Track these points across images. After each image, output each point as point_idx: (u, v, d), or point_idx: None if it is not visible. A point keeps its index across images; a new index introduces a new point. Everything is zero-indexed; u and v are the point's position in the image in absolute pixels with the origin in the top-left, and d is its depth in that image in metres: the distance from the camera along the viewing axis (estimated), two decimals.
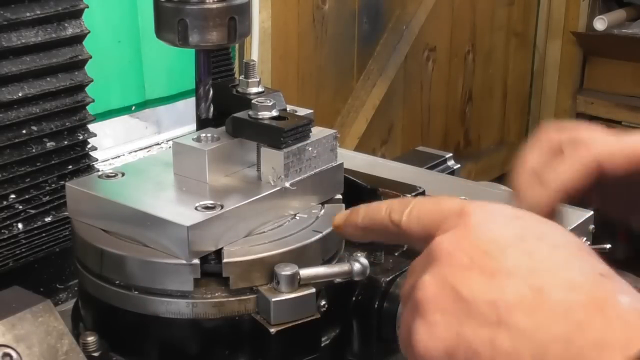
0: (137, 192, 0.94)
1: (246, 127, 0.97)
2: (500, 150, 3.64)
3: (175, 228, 0.86)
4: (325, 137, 0.98)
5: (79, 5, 1.14)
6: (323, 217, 0.96)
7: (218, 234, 0.88)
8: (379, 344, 0.96)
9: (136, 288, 0.87)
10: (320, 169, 0.98)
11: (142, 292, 0.87)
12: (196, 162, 0.96)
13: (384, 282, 0.95)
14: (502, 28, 3.50)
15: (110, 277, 0.89)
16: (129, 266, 0.87)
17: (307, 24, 2.57)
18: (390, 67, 2.86)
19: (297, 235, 0.92)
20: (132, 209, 0.90)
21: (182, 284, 0.86)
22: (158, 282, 0.86)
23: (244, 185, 0.96)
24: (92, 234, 0.92)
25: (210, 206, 0.89)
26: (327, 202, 1.00)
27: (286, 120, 0.95)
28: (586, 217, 1.42)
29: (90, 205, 0.94)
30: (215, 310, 0.86)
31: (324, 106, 2.71)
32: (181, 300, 0.86)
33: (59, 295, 1.13)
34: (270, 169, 0.94)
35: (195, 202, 0.90)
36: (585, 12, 3.52)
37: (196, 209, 0.89)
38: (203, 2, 0.93)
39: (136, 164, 1.06)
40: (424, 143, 3.10)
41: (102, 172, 0.99)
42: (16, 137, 1.09)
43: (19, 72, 1.08)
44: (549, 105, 3.68)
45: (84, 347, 0.86)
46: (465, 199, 0.69)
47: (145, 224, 0.88)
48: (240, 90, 1.04)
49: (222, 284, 0.87)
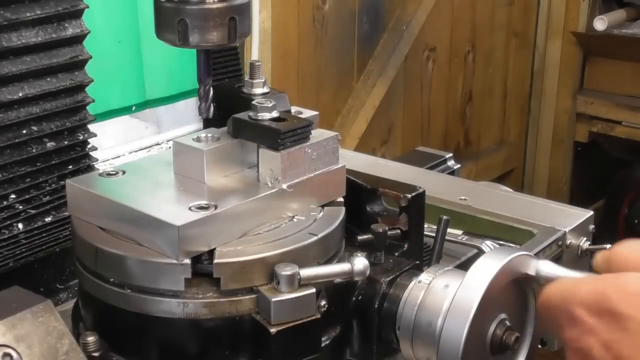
0: (135, 190, 0.95)
1: (246, 127, 0.97)
2: (500, 150, 3.64)
3: (166, 227, 0.86)
4: (325, 140, 0.97)
5: (79, 5, 1.14)
6: (321, 220, 0.96)
7: (211, 235, 0.88)
8: (379, 344, 0.96)
9: (130, 287, 0.88)
10: (320, 172, 0.97)
11: (136, 291, 0.87)
12: (195, 162, 0.96)
13: (384, 282, 0.95)
14: (502, 28, 3.50)
15: (104, 275, 0.89)
16: (123, 264, 0.88)
17: (307, 24, 2.57)
18: (390, 67, 2.86)
19: (293, 237, 0.91)
20: (128, 207, 0.90)
21: (174, 284, 0.86)
22: (151, 281, 0.87)
23: (241, 186, 0.96)
24: (88, 231, 0.93)
25: (204, 206, 0.89)
26: (327, 204, 1.00)
27: (285, 122, 0.95)
28: (586, 217, 1.42)
29: (89, 202, 0.94)
30: (206, 311, 0.86)
31: (324, 106, 2.71)
32: (172, 300, 0.86)
33: (59, 295, 1.13)
34: (268, 170, 0.94)
35: (190, 202, 0.90)
36: (585, 12, 3.51)
37: (190, 209, 0.89)
38: (203, 2, 0.93)
39: (138, 162, 1.07)
40: (424, 143, 3.10)
41: (103, 170, 0.99)
42: (16, 137, 1.09)
43: (19, 72, 1.08)
44: (549, 105, 3.68)
45: (84, 347, 0.87)
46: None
47: (139, 222, 0.88)
48: (246, 91, 1.04)
49: (214, 284, 0.87)
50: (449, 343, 0.87)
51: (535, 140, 3.75)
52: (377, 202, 1.07)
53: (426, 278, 0.95)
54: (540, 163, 3.76)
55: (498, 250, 1.02)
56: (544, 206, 1.48)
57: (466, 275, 0.89)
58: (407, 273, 0.97)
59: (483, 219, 1.41)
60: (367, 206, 1.07)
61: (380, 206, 1.07)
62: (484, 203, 1.45)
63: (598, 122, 3.60)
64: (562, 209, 1.46)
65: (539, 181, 3.78)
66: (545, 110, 3.70)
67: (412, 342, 0.93)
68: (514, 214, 1.41)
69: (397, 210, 1.05)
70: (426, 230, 1.09)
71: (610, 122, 3.55)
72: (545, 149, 3.73)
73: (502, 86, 3.61)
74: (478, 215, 1.41)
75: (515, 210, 1.42)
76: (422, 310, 0.92)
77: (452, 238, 1.24)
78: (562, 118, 3.66)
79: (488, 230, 1.37)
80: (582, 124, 3.65)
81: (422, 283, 0.94)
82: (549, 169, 3.75)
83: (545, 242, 1.33)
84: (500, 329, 0.91)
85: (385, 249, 0.99)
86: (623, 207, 3.56)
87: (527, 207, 1.46)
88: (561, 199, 3.11)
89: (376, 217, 1.06)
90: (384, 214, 1.06)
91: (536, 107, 3.72)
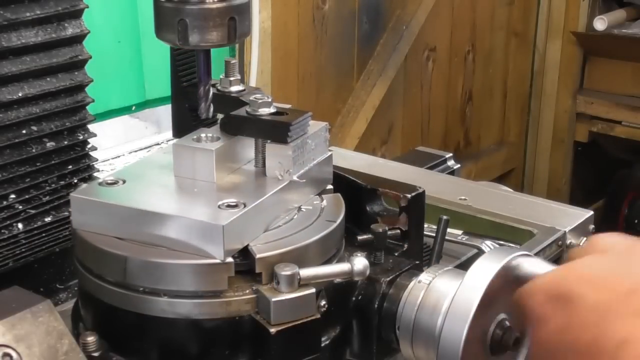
0: (152, 197, 0.94)
1: (248, 124, 0.98)
2: (500, 150, 3.64)
3: (211, 228, 0.86)
4: (320, 130, 1.00)
5: (79, 5, 1.14)
6: (328, 207, 0.98)
7: (245, 231, 0.89)
8: (379, 344, 0.96)
9: (165, 292, 0.86)
10: (317, 161, 1.00)
11: (172, 296, 0.86)
12: (202, 163, 0.96)
13: (384, 282, 0.95)
14: (502, 28, 3.50)
15: (135, 285, 0.87)
16: (160, 271, 0.86)
17: (307, 24, 2.57)
18: (390, 67, 2.86)
19: (315, 226, 0.93)
20: (158, 214, 0.89)
21: (216, 284, 0.86)
22: (190, 284, 0.86)
23: (251, 182, 0.97)
24: (108, 242, 0.90)
25: (233, 204, 0.90)
26: (321, 193, 1.01)
27: (287, 115, 0.97)
28: (586, 217, 1.42)
29: (102, 214, 0.91)
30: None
31: (324, 106, 2.71)
32: (214, 300, 0.86)
33: (59, 295, 1.13)
34: (276, 163, 0.96)
35: (217, 202, 0.90)
36: (585, 12, 3.52)
37: (219, 208, 0.89)
38: (203, 2, 0.93)
39: (131, 169, 1.03)
40: (424, 143, 3.10)
41: (102, 180, 0.96)
42: (16, 137, 1.09)
43: (19, 72, 1.08)
44: (549, 105, 3.68)
45: (83, 347, 0.86)
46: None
47: (171, 227, 0.87)
48: (221, 89, 1.05)
49: (250, 280, 0.88)
50: (449, 343, 0.87)
51: (535, 140, 3.75)
52: (377, 202, 1.07)
53: (426, 278, 0.95)
54: (540, 163, 3.76)
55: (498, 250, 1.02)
56: (544, 206, 1.48)
57: (466, 275, 0.89)
58: (407, 273, 0.97)
59: (483, 219, 1.41)
60: (367, 206, 1.07)
61: (380, 206, 1.07)
62: (484, 203, 1.45)
63: (598, 122, 3.60)
64: (562, 209, 1.46)
65: (539, 181, 3.78)
66: (545, 110, 3.70)
67: (412, 342, 0.93)
68: (514, 214, 1.41)
69: (397, 210, 1.05)
70: (426, 230, 1.09)
71: (610, 122, 3.55)
72: (545, 149, 3.73)
73: (502, 86, 3.61)
74: (478, 215, 1.41)
75: (515, 210, 1.42)
76: (422, 310, 0.92)
77: (452, 238, 1.24)
78: (562, 118, 3.66)
79: (488, 230, 1.37)
80: (582, 124, 3.65)
81: (422, 283, 0.94)
82: (549, 169, 3.75)
83: (545, 242, 1.32)
84: (500, 329, 0.90)
85: (385, 249, 0.99)
86: (623, 207, 3.56)
87: (527, 207, 1.46)
88: (561, 199, 3.11)
89: (376, 217, 1.06)
90: (384, 214, 1.06)
91: (536, 107, 3.72)
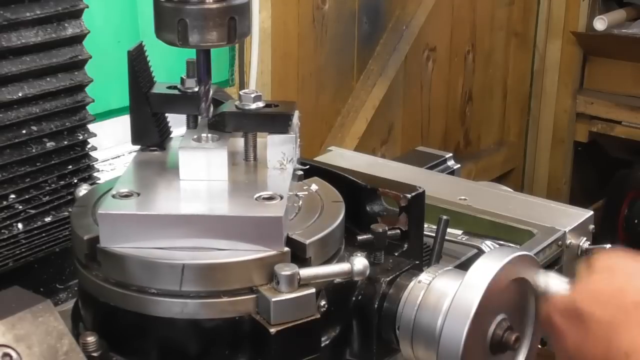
0: (181, 202, 0.94)
1: (247, 119, 1.00)
2: (500, 150, 3.64)
3: (269, 221, 0.88)
4: (298, 118, 1.04)
5: (79, 5, 1.14)
6: (321, 190, 1.02)
7: (286, 221, 0.91)
8: (379, 344, 0.96)
9: (225, 293, 0.86)
10: (297, 145, 1.03)
11: (229, 295, 0.87)
12: (214, 163, 0.96)
13: (384, 282, 0.95)
14: (502, 28, 3.50)
15: (190, 291, 0.86)
16: (220, 272, 0.87)
17: (307, 24, 2.56)
18: (390, 67, 2.86)
19: (328, 210, 0.97)
20: (211, 216, 0.89)
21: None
22: (249, 280, 0.87)
23: (259, 174, 1.00)
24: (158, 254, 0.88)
25: (268, 197, 0.92)
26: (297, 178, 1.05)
27: (277, 107, 1.01)
28: (586, 217, 1.42)
29: (145, 227, 0.89)
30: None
31: (324, 106, 2.71)
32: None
33: (59, 295, 1.13)
34: (279, 153, 0.99)
35: (251, 195, 0.92)
36: (585, 12, 3.51)
37: (257, 201, 0.92)
38: (203, 2, 0.93)
39: (129, 180, 0.98)
40: (424, 143, 3.10)
41: (116, 193, 0.93)
42: (16, 137, 1.09)
43: (19, 72, 1.08)
44: (549, 105, 3.68)
45: (83, 347, 0.86)
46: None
47: (223, 227, 0.88)
48: (182, 89, 1.07)
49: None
50: (449, 343, 0.87)
51: (535, 140, 3.75)
52: (377, 202, 1.07)
53: (426, 278, 0.95)
54: (540, 163, 3.76)
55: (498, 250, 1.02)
56: (543, 206, 1.48)
57: (466, 276, 0.89)
58: (407, 273, 0.97)
59: (483, 219, 1.41)
60: (367, 206, 1.07)
61: (380, 206, 1.07)
62: (484, 203, 1.45)
63: (598, 122, 3.60)
64: (562, 209, 1.46)
65: (539, 181, 3.78)
66: (545, 110, 3.69)
67: (412, 342, 0.93)
68: (513, 214, 1.41)
69: (397, 210, 1.05)
70: (426, 230, 1.10)
71: (610, 122, 3.55)
72: (545, 149, 3.73)
73: (502, 86, 3.61)
74: (478, 215, 1.41)
75: (515, 210, 1.42)
76: (422, 310, 0.93)
77: (452, 238, 1.24)
78: (562, 118, 3.66)
79: (488, 230, 1.37)
80: (582, 124, 3.65)
81: (422, 283, 0.94)
82: (549, 169, 3.75)
83: (545, 242, 1.33)
84: (500, 329, 0.91)
85: (385, 249, 0.99)
86: (623, 207, 3.56)
87: (527, 207, 1.46)
88: (561, 199, 3.11)
89: (376, 217, 1.06)
90: (383, 214, 1.06)
91: (536, 107, 3.72)
